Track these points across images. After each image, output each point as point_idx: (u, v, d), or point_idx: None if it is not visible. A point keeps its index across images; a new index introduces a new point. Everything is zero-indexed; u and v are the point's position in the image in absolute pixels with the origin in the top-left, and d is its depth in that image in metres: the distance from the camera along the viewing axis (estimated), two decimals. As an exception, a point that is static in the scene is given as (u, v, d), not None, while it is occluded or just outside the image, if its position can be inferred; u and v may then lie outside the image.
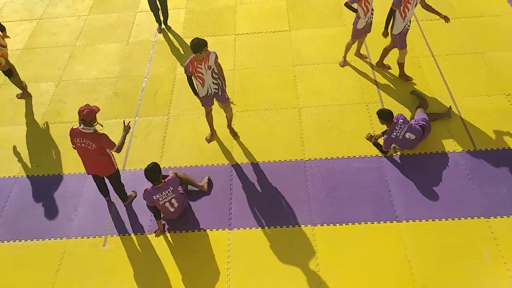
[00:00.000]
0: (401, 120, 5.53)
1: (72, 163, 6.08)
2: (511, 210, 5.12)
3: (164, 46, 7.86)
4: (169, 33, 8.11)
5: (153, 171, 4.79)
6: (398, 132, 5.54)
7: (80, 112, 4.67)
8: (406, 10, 5.98)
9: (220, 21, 8.26)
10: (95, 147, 4.80)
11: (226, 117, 6.13)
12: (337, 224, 5.17)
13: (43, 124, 6.73)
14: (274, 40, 7.72)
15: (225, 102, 5.83)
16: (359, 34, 6.66)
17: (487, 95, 6.41)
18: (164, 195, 4.91)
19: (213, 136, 6.27)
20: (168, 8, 8.05)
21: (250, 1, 8.66)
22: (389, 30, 6.32)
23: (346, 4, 6.35)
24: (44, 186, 5.90)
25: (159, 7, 7.85)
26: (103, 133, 4.84)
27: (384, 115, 5.51)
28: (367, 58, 7.18)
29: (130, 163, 6.08)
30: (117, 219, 5.47)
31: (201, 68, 5.37)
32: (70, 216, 5.55)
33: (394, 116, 5.54)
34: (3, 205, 5.74)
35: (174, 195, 4.96)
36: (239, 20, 8.22)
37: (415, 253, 4.86)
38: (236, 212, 5.40)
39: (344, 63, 7.07)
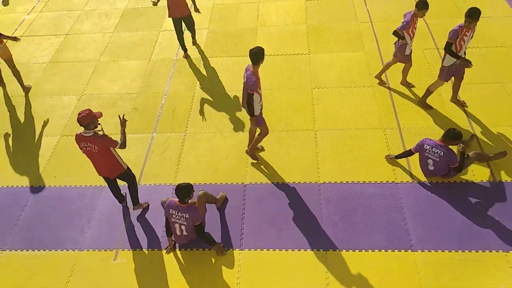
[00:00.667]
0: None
1: (89, 175, 6.17)
2: (531, 245, 4.96)
3: (185, 64, 8.01)
4: (190, 53, 8.27)
5: (183, 190, 4.78)
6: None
7: (78, 115, 4.77)
8: (462, 43, 5.95)
9: (240, 42, 8.40)
10: (98, 149, 4.90)
11: (260, 134, 5.87)
12: (350, 250, 5.08)
13: (63, 135, 6.87)
14: (293, 63, 7.80)
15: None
16: (408, 59, 6.71)
17: (509, 126, 6.30)
18: (178, 216, 4.90)
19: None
20: None
21: (271, 24, 8.81)
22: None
23: (395, 32, 6.42)
24: (60, 197, 5.98)
25: (183, 31, 7.93)
26: (103, 134, 4.94)
27: (455, 135, 5.34)
28: (413, 86, 7.08)
29: (146, 178, 6.13)
30: (129, 234, 5.48)
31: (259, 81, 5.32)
32: (83, 228, 5.59)
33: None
34: (19, 214, 5.83)
35: (185, 223, 4.93)
36: (259, 42, 8.35)
37: (429, 284, 4.71)
38: (248, 233, 5.36)
39: (380, 80, 7.15)
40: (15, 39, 7.37)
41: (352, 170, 5.95)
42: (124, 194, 5.73)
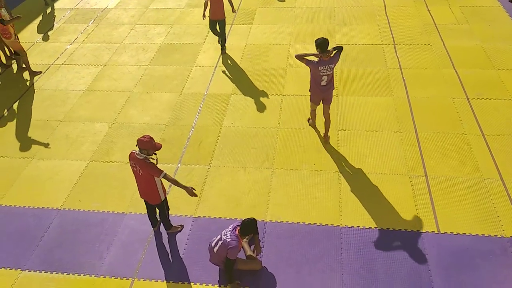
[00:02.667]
0: None
1: (112, 202, 6.27)
2: None
3: (214, 100, 8.22)
4: (220, 89, 8.49)
5: (250, 225, 4.89)
6: None
7: (141, 137, 4.94)
8: None
9: (270, 81, 8.59)
10: (142, 173, 5.05)
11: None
12: (370, 299, 4.88)
13: (92, 161, 7.06)
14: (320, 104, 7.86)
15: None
16: None
17: (541, 181, 6.09)
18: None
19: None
20: (222, 66, 8.55)
21: (301, 65, 8.97)
22: None
23: None
24: (83, 221, 6.07)
25: (219, 31, 9.27)
26: (152, 162, 5.03)
27: None
28: None
29: (167, 208, 6.17)
30: (147, 263, 5.47)
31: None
32: (102, 254, 5.62)
33: None
34: (42, 235, 5.93)
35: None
36: (288, 82, 8.51)
37: None
38: (266, 272, 5.25)
39: None
40: (16, 18, 8.57)
41: (376, 216, 5.82)
42: (158, 219, 5.85)
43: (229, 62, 9.27)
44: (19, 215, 6.24)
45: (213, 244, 5.08)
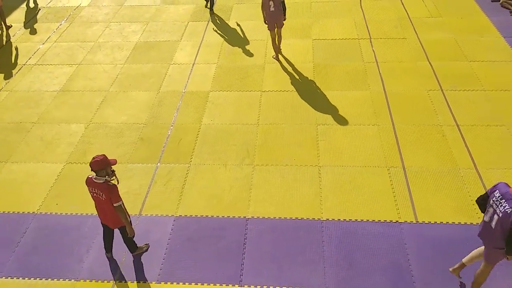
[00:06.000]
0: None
1: (90, 205, 6.12)
2: (539, 293, 4.81)
3: (192, 97, 8.15)
4: (198, 86, 8.43)
5: None
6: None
7: (92, 159, 4.63)
8: None
9: (248, 78, 8.57)
10: (105, 198, 4.72)
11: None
12: (352, 291, 4.95)
13: (68, 163, 6.92)
14: (298, 99, 7.91)
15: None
16: None
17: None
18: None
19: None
20: (200, 63, 8.66)
21: (279, 61, 9.00)
22: None
23: None
24: (61, 225, 5.95)
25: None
26: (114, 185, 4.75)
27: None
28: None
29: (147, 208, 6.10)
30: (127, 265, 5.40)
31: None
32: (82, 258, 5.52)
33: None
34: (18, 241, 5.78)
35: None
36: (266, 78, 8.51)
37: (434, 331, 4.56)
38: (249, 268, 5.26)
39: None
40: None
41: (356, 208, 5.89)
42: (112, 246, 5.47)
43: (207, 59, 9.20)
44: (-7, 221, 6.06)
45: (486, 219, 4.21)
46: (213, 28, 10.24)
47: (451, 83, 8.00)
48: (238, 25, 10.36)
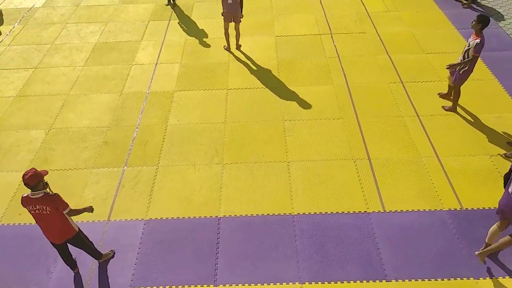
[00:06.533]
0: None
1: (56, 212, 5.94)
2: (499, 272, 5.09)
3: (157, 98, 8.02)
4: (162, 86, 8.30)
5: None
6: None
7: (23, 176, 4.33)
8: None
9: (213, 76, 8.52)
10: (50, 210, 4.48)
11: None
12: (326, 282, 5.05)
13: (30, 171, 6.64)
14: (264, 96, 7.95)
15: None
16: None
17: (472, 155, 6.58)
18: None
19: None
20: (163, 62, 8.57)
21: (243, 58, 9.02)
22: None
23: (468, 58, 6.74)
24: (25, 236, 5.71)
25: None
26: (55, 193, 4.55)
27: None
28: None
29: (116, 213, 5.97)
30: (99, 273, 5.26)
31: None
32: (49, 268, 5.33)
33: None
34: (-20, 255, 5.51)
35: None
36: (231, 76, 8.50)
37: (405, 315, 4.73)
38: (223, 267, 5.26)
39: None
40: None
41: (325, 201, 6.01)
42: (75, 259, 5.24)
43: (170, 58, 9.07)
44: (-50, 236, 5.74)
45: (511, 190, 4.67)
46: (175, 27, 10.10)
47: (410, 75, 8.29)
48: (200, 22, 10.26)
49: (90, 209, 4.85)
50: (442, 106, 7.44)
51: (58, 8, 11.13)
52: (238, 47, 9.25)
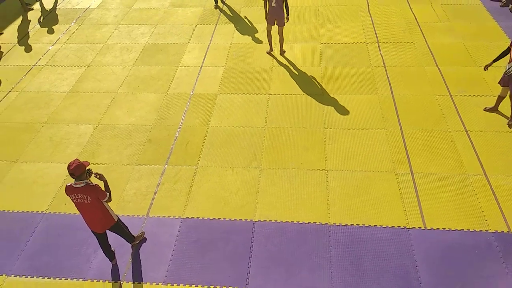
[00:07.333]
0: None
1: (98, 205, 6.18)
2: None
3: (200, 99, 8.18)
4: (206, 88, 8.46)
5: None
6: None
7: (68, 167, 4.57)
8: None
9: (255, 80, 8.58)
10: (91, 200, 4.70)
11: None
12: (359, 296, 4.94)
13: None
14: (306, 102, 7.91)
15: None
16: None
17: (523, 175, 6.23)
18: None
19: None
20: (208, 65, 8.75)
21: (286, 64, 9.02)
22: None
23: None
24: (69, 225, 5.99)
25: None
26: (95, 184, 4.74)
27: None
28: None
29: (155, 209, 6.13)
30: (135, 267, 5.42)
31: None
32: (89, 258, 5.55)
33: None
34: (27, 240, 5.82)
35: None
36: (274, 81, 8.52)
37: (442, 337, 4.53)
38: (255, 272, 5.26)
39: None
40: None
41: (363, 213, 5.88)
42: (113, 251, 5.46)
43: (214, 61, 9.24)
44: (3, 220, 6.12)
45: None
46: (221, 31, 10.27)
47: (460, 88, 7.97)
48: (246, 27, 10.39)
49: (102, 176, 4.90)
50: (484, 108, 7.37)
51: (112, 10, 11.64)
52: (282, 52, 9.25)
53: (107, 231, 5.17)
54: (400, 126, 7.27)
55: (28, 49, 10.13)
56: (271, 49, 9.28)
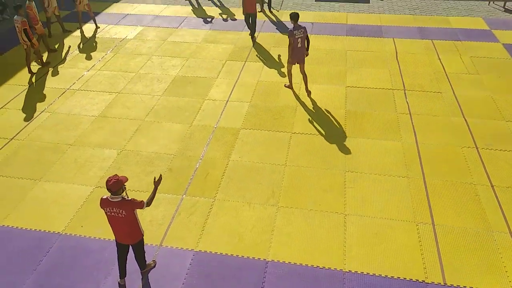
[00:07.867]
0: None
1: (114, 230, 6.21)
2: None
3: (223, 133, 8.29)
4: (230, 123, 8.58)
5: None
6: None
7: (107, 182, 4.76)
8: None
9: (279, 118, 8.67)
10: (125, 214, 4.86)
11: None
12: None
13: (98, 187, 7.07)
14: (328, 144, 7.90)
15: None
16: None
17: (551, 237, 5.95)
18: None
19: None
20: (234, 100, 8.96)
21: (311, 104, 9.11)
22: None
23: None
24: (83, 248, 6.01)
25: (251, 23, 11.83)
26: (131, 198, 4.92)
27: None
28: None
29: (168, 239, 6.10)
30: (143, 296, 5.35)
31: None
32: (99, 284, 5.52)
33: None
34: (41, 259, 5.86)
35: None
36: (297, 120, 8.59)
37: None
38: (264, 314, 5.10)
39: None
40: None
41: (380, 262, 5.69)
42: (126, 272, 5.46)
43: (240, 97, 9.42)
44: (20, 237, 6.20)
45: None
46: (250, 68, 10.53)
47: (486, 142, 7.83)
48: (274, 65, 10.61)
49: (159, 181, 5.06)
50: None
51: (147, 41, 12.15)
52: (308, 93, 9.38)
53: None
54: (423, 175, 7.13)
55: (65, 73, 10.60)
56: (292, 86, 9.60)
